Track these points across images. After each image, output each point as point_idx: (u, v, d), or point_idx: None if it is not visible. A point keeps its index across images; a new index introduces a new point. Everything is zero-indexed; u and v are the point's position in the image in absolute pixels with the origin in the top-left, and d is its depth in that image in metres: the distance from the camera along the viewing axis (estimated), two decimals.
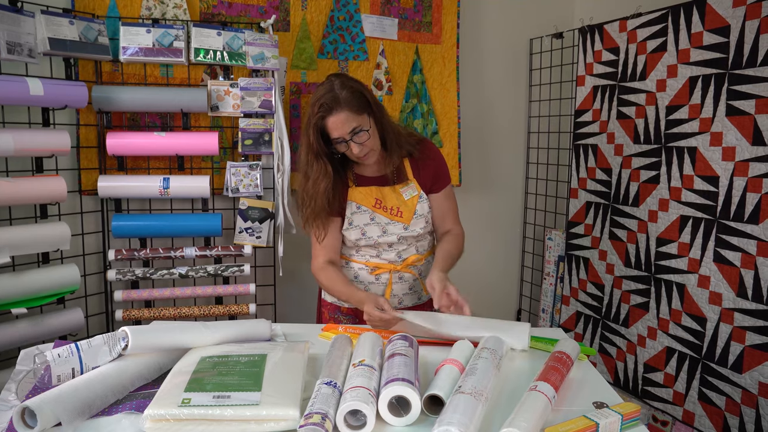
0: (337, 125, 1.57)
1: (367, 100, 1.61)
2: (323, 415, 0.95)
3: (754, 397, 1.92)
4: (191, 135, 2.17)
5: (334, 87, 1.57)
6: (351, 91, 1.58)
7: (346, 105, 1.56)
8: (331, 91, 1.57)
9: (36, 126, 2.02)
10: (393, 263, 1.77)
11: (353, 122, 1.57)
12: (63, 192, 1.93)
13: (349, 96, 1.57)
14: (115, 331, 1.19)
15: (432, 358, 1.33)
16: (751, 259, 1.92)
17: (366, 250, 1.77)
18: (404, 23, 2.68)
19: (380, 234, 1.74)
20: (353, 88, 1.59)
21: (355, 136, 1.59)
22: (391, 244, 1.76)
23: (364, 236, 1.74)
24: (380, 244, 1.75)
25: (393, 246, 1.76)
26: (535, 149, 3.09)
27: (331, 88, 1.58)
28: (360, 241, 1.74)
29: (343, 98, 1.56)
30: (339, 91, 1.56)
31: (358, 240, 1.74)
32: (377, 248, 1.76)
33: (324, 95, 1.57)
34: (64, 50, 1.93)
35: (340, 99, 1.55)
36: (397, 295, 1.79)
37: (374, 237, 1.73)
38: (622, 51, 2.40)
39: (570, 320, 2.75)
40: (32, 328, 1.89)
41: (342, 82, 1.59)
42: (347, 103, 1.56)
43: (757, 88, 1.88)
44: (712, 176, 2.04)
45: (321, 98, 1.57)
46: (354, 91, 1.58)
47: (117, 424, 1.02)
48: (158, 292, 2.16)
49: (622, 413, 1.02)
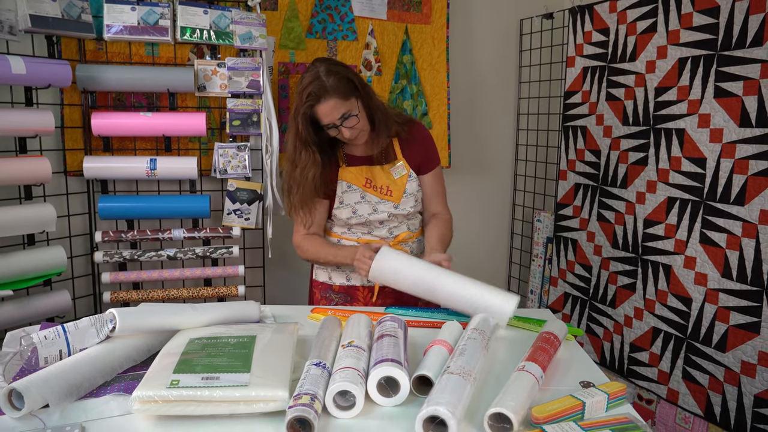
0: (326, 113, 1.59)
1: (354, 84, 1.62)
2: (312, 396, 0.96)
3: (736, 376, 1.96)
4: (178, 115, 2.14)
5: (320, 74, 1.57)
6: (338, 77, 1.58)
7: (333, 92, 1.56)
8: (318, 79, 1.57)
9: (19, 105, 1.98)
10: (385, 239, 1.79)
11: (342, 108, 1.59)
12: (47, 173, 1.90)
13: (336, 82, 1.57)
14: (103, 313, 1.18)
15: (421, 339, 1.34)
16: (736, 240, 1.95)
17: (357, 228, 1.79)
18: (394, 3, 2.65)
19: (371, 212, 1.76)
20: (339, 73, 1.59)
21: (345, 121, 1.61)
22: (382, 221, 1.78)
23: (355, 214, 1.75)
24: (371, 222, 1.77)
25: (384, 223, 1.79)
26: (525, 131, 3.09)
27: (317, 75, 1.57)
28: (351, 220, 1.76)
29: (330, 85, 1.56)
30: (325, 78, 1.57)
31: (350, 218, 1.76)
32: (368, 226, 1.78)
33: (311, 83, 1.57)
34: (46, 27, 1.88)
35: (327, 86, 1.56)
36: None
37: (365, 215, 1.75)
38: (611, 32, 2.39)
39: (558, 301, 2.78)
40: (18, 311, 1.88)
41: (327, 69, 1.59)
42: (335, 89, 1.57)
43: (745, 70, 1.89)
44: (699, 158, 2.05)
45: (308, 87, 1.57)
46: (341, 77, 1.59)
47: (105, 406, 1.02)
48: (146, 274, 2.15)
49: (609, 392, 1.04)
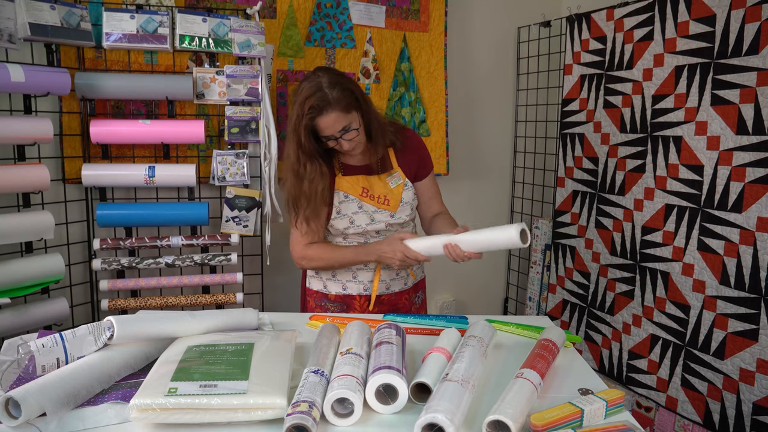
0: (328, 125, 1.57)
1: (355, 96, 1.60)
2: (311, 404, 0.95)
3: (735, 383, 1.96)
4: (177, 123, 2.14)
5: (322, 85, 1.55)
6: (341, 89, 1.56)
7: (336, 105, 1.55)
8: (320, 90, 1.55)
9: (18, 113, 1.99)
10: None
11: (343, 121, 1.58)
12: (46, 180, 1.90)
13: (340, 95, 1.55)
14: (101, 320, 1.18)
15: (419, 347, 1.34)
16: (734, 247, 1.95)
17: (354, 238, 1.78)
18: (392, 11, 2.66)
19: (368, 222, 1.75)
20: (343, 85, 1.57)
21: (345, 134, 1.60)
22: (379, 231, 1.77)
23: (352, 224, 1.74)
24: (368, 232, 1.76)
25: (380, 233, 1.78)
26: (523, 138, 3.10)
27: (320, 86, 1.55)
28: (348, 230, 1.75)
29: (333, 98, 1.54)
30: (329, 90, 1.54)
31: (347, 228, 1.75)
32: (365, 236, 1.77)
33: (313, 95, 1.54)
34: (45, 36, 1.89)
35: (330, 99, 1.54)
36: (385, 281, 1.80)
37: (362, 225, 1.74)
38: (609, 40, 2.40)
39: (556, 308, 2.77)
40: (16, 319, 1.87)
41: (330, 80, 1.56)
42: (338, 102, 1.55)
43: (742, 78, 1.90)
44: (696, 165, 2.06)
45: (310, 98, 1.55)
46: (344, 89, 1.57)
47: (103, 414, 1.01)
48: (144, 282, 2.15)
49: (607, 400, 1.04)
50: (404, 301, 1.84)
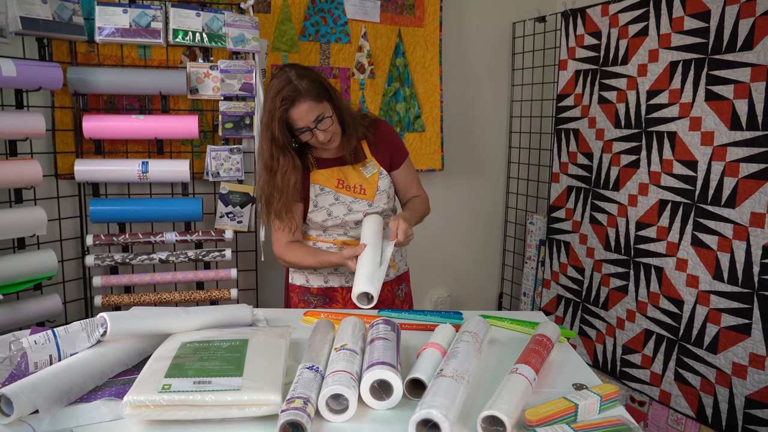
0: (301, 115, 1.59)
1: (325, 87, 1.63)
2: (305, 400, 0.95)
3: (727, 377, 1.97)
4: (170, 118, 2.13)
5: (291, 78, 1.58)
6: (310, 80, 1.60)
7: (307, 95, 1.58)
8: (290, 83, 1.58)
9: (9, 108, 1.97)
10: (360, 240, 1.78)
11: (316, 111, 1.60)
12: (38, 176, 1.89)
13: (309, 85, 1.58)
14: (94, 317, 1.17)
15: (414, 342, 1.34)
16: (727, 242, 1.96)
17: (333, 230, 1.79)
18: (386, 6, 2.65)
19: (346, 212, 1.76)
20: (311, 77, 1.61)
21: (319, 123, 1.62)
22: (358, 221, 1.78)
23: (330, 216, 1.76)
24: (347, 223, 1.78)
25: (359, 223, 1.78)
26: (517, 133, 3.10)
27: (289, 79, 1.58)
28: (327, 222, 1.76)
29: (303, 88, 1.57)
30: (298, 81, 1.58)
31: (325, 221, 1.76)
32: (344, 227, 1.79)
33: (284, 87, 1.58)
34: (36, 30, 1.87)
35: (300, 89, 1.57)
36: None
37: (340, 216, 1.76)
38: (604, 35, 2.40)
39: (551, 303, 2.78)
40: (8, 315, 1.86)
41: (298, 73, 1.60)
42: (308, 92, 1.58)
43: (736, 73, 1.90)
44: (690, 161, 2.07)
45: (281, 91, 1.58)
46: (312, 80, 1.60)
47: (96, 411, 1.01)
48: (138, 278, 2.14)
49: (601, 394, 1.04)
50: (386, 293, 1.84)
